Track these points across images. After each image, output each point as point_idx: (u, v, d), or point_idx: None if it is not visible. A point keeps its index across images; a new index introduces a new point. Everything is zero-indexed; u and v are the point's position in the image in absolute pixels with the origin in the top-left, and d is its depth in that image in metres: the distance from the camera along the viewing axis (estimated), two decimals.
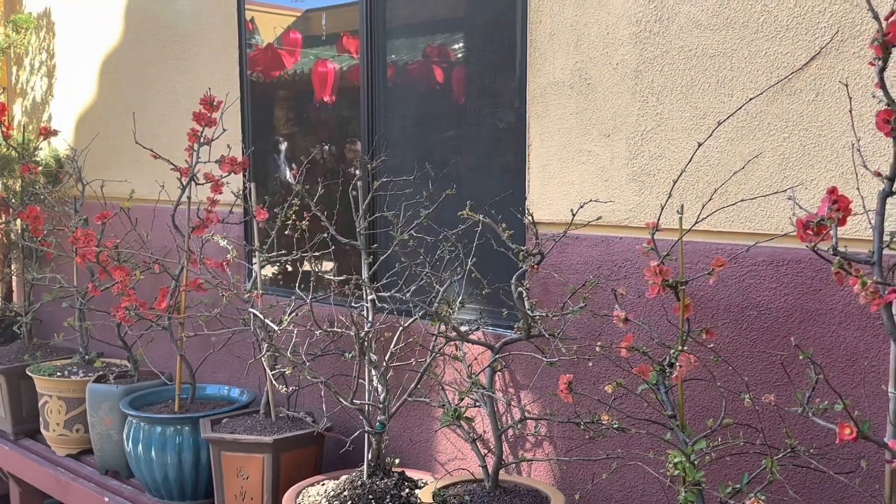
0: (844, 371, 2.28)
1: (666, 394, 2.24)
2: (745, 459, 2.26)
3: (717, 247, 2.47)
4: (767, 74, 2.42)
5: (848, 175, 2.28)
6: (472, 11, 3.26)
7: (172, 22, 4.33)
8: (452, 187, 2.98)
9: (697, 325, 2.35)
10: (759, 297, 2.46)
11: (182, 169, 3.61)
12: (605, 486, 2.68)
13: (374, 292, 3.06)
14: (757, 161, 2.42)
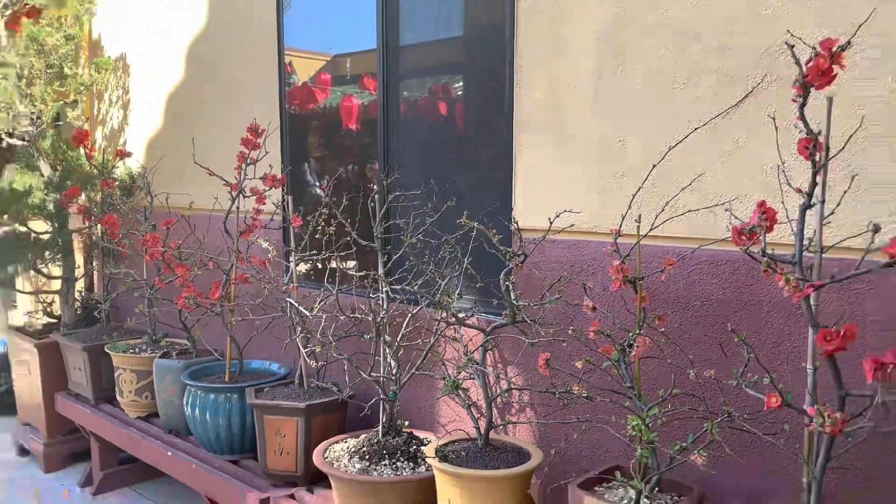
0: (771, 351, 2.28)
1: (625, 369, 2.24)
2: (689, 423, 2.25)
3: (667, 249, 2.47)
4: (710, 109, 2.42)
5: (774, 191, 2.27)
6: (469, 58, 3.26)
7: (224, 65, 4.34)
8: (452, 200, 2.99)
9: (651, 313, 2.35)
10: (702, 291, 2.46)
11: (232, 184, 3.62)
12: (576, 444, 2.67)
13: (388, 285, 3.06)
14: (700, 179, 2.42)
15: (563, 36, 2.77)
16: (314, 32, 3.93)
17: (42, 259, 4.71)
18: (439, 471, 2.49)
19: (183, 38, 4.58)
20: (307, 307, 3.29)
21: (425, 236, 2.97)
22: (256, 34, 4.10)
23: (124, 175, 4.84)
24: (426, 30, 3.38)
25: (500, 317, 2.76)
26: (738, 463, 2.25)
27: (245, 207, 3.63)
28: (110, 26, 5.22)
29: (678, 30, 2.48)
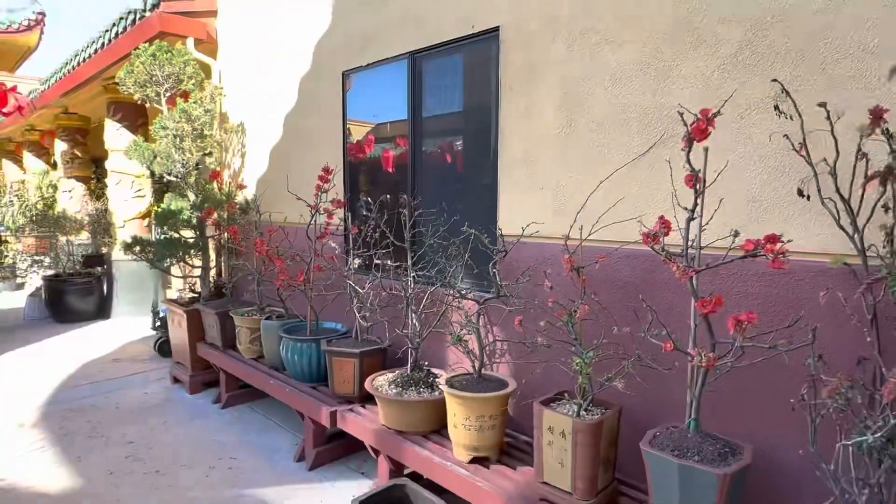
0: (664, 316, 2.26)
1: (572, 327, 2.22)
2: (613, 362, 2.24)
3: (599, 248, 2.46)
4: (626, 155, 2.41)
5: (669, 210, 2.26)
6: (468, 124, 3.25)
7: (308, 128, 4.35)
8: (457, 216, 2.99)
9: (589, 290, 2.34)
10: (621, 276, 2.45)
11: (312, 205, 3.62)
12: (538, 377, 2.66)
13: (414, 272, 3.06)
14: (621, 202, 2.41)
15: (532, 110, 2.77)
16: (363, 108, 3.93)
17: (188, 255, 4.72)
18: (448, 394, 2.49)
19: (281, 111, 4.59)
20: (361, 287, 3.29)
21: (439, 239, 2.97)
22: (328, 108, 4.11)
23: (242, 200, 4.86)
24: (440, 106, 3.38)
25: (489, 293, 2.75)
26: (643, 388, 2.24)
27: (319, 221, 3.63)
28: (234, 104, 5.24)
29: (611, 103, 2.47)
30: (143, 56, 4.36)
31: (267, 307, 4.30)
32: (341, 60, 3.92)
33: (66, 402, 4.41)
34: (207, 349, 4.46)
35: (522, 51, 2.78)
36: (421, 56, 3.36)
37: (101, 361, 5.51)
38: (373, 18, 3.64)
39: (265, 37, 4.75)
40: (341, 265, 3.56)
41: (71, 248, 7.71)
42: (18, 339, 6.34)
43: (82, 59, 6.56)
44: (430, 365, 3.10)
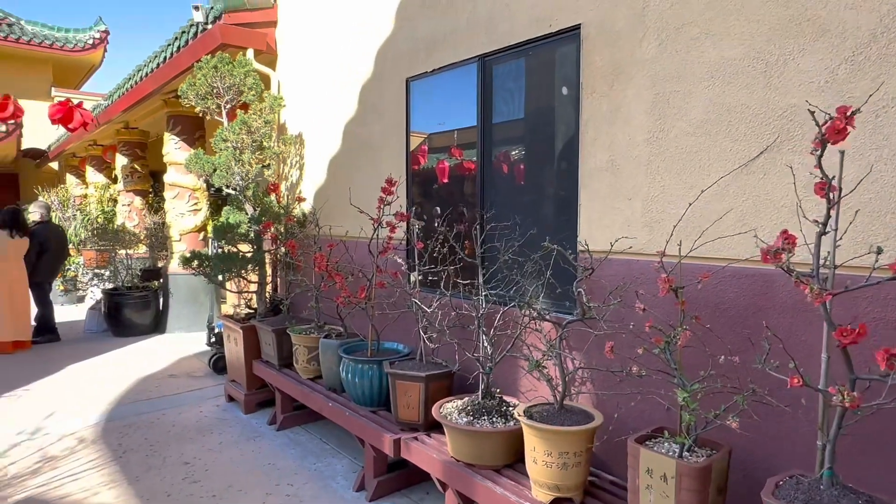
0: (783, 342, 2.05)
1: (670, 355, 2.06)
2: (721, 397, 2.05)
3: (701, 266, 2.28)
4: (731, 161, 2.23)
5: (785, 222, 2.07)
6: (542, 131, 3.14)
7: (369, 138, 4.35)
8: (534, 229, 2.86)
9: (689, 313, 2.16)
10: (727, 297, 2.25)
11: (374, 219, 3.58)
12: (629, 410, 2.49)
13: (486, 291, 2.94)
14: (728, 214, 2.23)
15: (618, 114, 2.63)
16: (428, 116, 3.88)
17: (245, 269, 4.80)
18: (527, 426, 2.35)
19: (341, 120, 4.62)
20: (426, 305, 3.21)
21: (513, 255, 2.85)
22: (390, 116, 4.10)
23: (300, 213, 4.91)
24: (512, 113, 3.29)
25: (572, 315, 2.61)
26: (757, 426, 2.04)
27: (381, 235, 3.59)
28: (293, 114, 5.34)
29: (712, 104, 2.30)
30: (206, 68, 4.51)
31: (325, 325, 4.29)
32: (404, 66, 3.91)
33: (125, 418, 4.53)
34: (263, 367, 4.49)
35: (607, 50, 2.65)
36: (491, 60, 3.28)
37: (157, 377, 5.67)
38: (439, 22, 3.60)
39: (324, 45, 4.82)
40: (405, 282, 3.49)
41: (129, 261, 8.05)
42: (79, 352, 6.64)
43: (145, 74, 6.89)
44: (502, 392, 2.97)
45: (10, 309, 6.52)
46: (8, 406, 4.83)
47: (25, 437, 4.18)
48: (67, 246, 7.80)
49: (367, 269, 3.76)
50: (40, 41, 16.57)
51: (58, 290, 9.73)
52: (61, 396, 5.06)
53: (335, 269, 3.85)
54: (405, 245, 3.86)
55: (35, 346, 6.86)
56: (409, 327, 3.61)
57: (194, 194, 7.51)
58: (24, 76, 16.59)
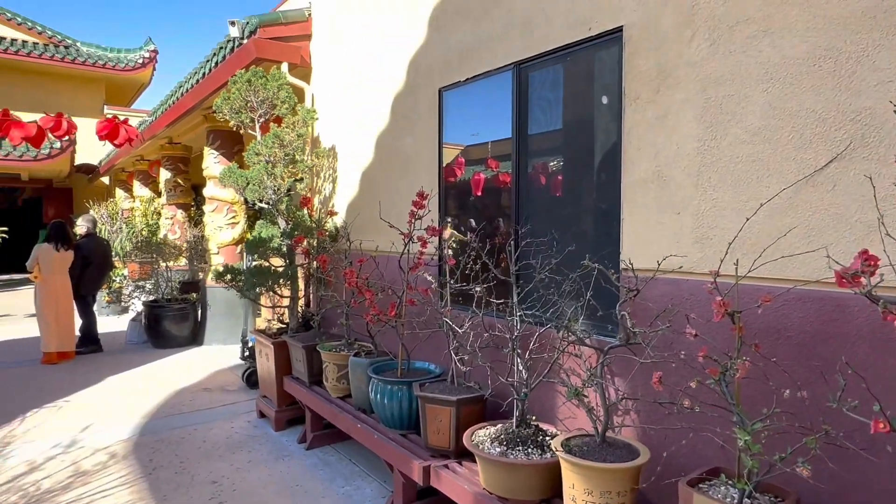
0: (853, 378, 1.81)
1: (726, 387, 1.84)
2: (788, 437, 1.82)
3: (761, 288, 2.05)
4: (796, 172, 2.00)
5: (861, 240, 1.83)
6: (581, 141, 2.96)
7: (401, 150, 4.24)
8: (572, 245, 2.67)
9: (748, 340, 1.94)
10: (792, 323, 2.01)
11: (405, 233, 3.46)
12: (678, 447, 2.26)
13: (521, 311, 2.76)
14: (793, 231, 2.00)
15: (665, 121, 2.43)
16: (461, 128, 3.75)
17: (278, 284, 4.75)
18: (565, 461, 2.15)
19: (373, 133, 4.54)
20: (458, 324, 3.05)
21: (550, 273, 2.67)
22: (423, 127, 3.98)
23: (332, 227, 4.84)
24: (549, 122, 3.11)
25: (615, 339, 2.40)
26: (833, 475, 1.79)
27: (412, 250, 3.47)
28: (326, 127, 5.30)
29: (772, 107, 2.08)
30: (240, 82, 4.50)
31: (356, 342, 4.18)
32: (437, 76, 3.79)
33: (157, 433, 4.52)
34: (293, 384, 4.41)
35: (652, 52, 2.46)
36: (527, 66, 3.13)
37: (192, 390, 5.68)
38: (473, 29, 3.47)
39: (357, 57, 4.76)
40: (436, 299, 3.34)
41: (169, 273, 8.18)
42: (119, 363, 6.74)
43: (185, 90, 7.02)
44: (538, 419, 2.77)
45: (56, 321, 6.68)
46: (49, 417, 4.90)
47: (61, 450, 4.20)
48: (111, 259, 7.98)
49: (397, 286, 3.63)
50: (94, 61, 17.31)
51: (103, 301, 9.99)
52: (98, 408, 5.10)
53: (365, 285, 3.74)
54: (437, 261, 3.72)
55: (78, 357, 7.00)
56: (440, 345, 3.45)
57: (232, 208, 7.58)
58: (78, 95, 17.37)
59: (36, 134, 7.81)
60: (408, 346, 3.51)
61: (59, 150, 13.91)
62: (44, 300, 6.63)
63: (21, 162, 13.73)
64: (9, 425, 4.69)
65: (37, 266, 6.60)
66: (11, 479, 3.71)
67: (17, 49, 16.29)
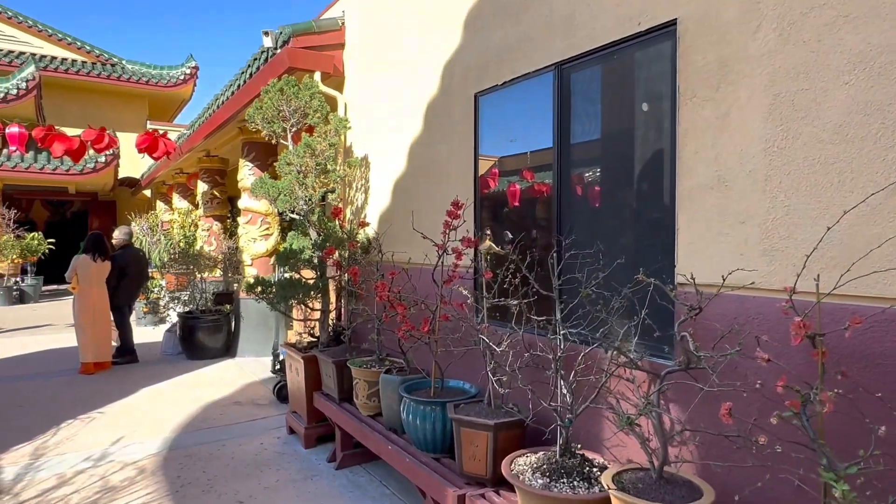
0: None
1: (807, 422, 1.58)
2: (886, 482, 1.55)
3: (848, 308, 1.79)
4: (886, 174, 1.75)
5: None
6: (628, 145, 2.74)
7: (435, 158, 4.09)
8: (622, 258, 2.45)
9: (833, 367, 1.68)
10: (886, 349, 1.75)
11: (438, 245, 3.28)
12: (747, 485, 2.00)
13: (565, 329, 2.53)
14: (889, 242, 1.74)
15: (726, 121, 2.20)
16: (497, 134, 3.57)
17: (308, 296, 4.63)
18: (620, 499, 1.92)
19: (405, 140, 4.41)
20: (495, 342, 2.85)
21: (597, 289, 2.44)
22: (458, 135, 3.82)
23: (363, 239, 4.71)
24: (593, 126, 2.91)
25: (672, 363, 2.16)
26: None
27: (447, 262, 3.29)
28: (358, 137, 5.20)
29: (855, 102, 1.83)
30: (272, 91, 4.44)
31: (387, 357, 4.02)
32: (473, 81, 3.63)
33: (187, 447, 4.43)
34: (323, 400, 4.27)
35: (711, 46, 2.24)
36: (569, 67, 2.93)
37: (222, 403, 5.60)
38: (511, 30, 3.30)
39: (390, 64, 4.65)
40: (472, 315, 3.15)
41: (203, 285, 8.21)
42: (153, 375, 6.75)
43: (221, 103, 7.06)
44: (583, 445, 2.54)
45: (93, 331, 6.74)
46: (81, 428, 4.88)
47: (91, 463, 4.15)
48: (147, 270, 8.06)
49: (430, 300, 3.46)
50: (138, 78, 17.88)
51: (141, 311, 10.13)
52: (130, 421, 5.07)
53: (397, 298, 3.57)
54: (472, 274, 3.53)
55: (114, 368, 7.05)
56: (475, 363, 3.25)
57: (266, 219, 7.57)
58: (123, 111, 17.95)
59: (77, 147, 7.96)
60: (442, 363, 3.33)
61: (103, 163, 14.34)
62: (81, 311, 6.70)
63: (68, 175, 14.20)
64: (43, 436, 4.68)
65: (75, 277, 6.69)
66: (41, 493, 3.66)
67: (67, 68, 16.95)
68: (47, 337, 9.15)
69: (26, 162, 13.83)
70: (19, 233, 13.93)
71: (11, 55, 16.37)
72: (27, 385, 6.26)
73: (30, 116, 13.69)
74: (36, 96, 13.78)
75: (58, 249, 15.15)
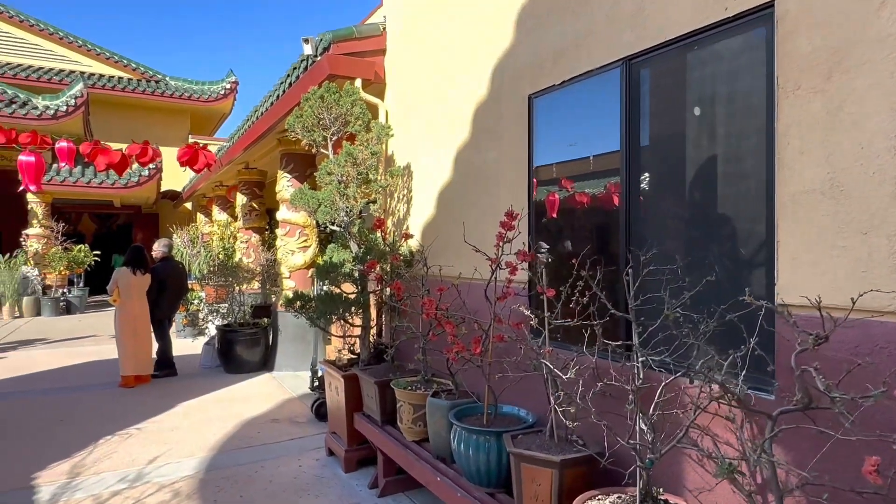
0: None
1: None
2: None
3: None
4: None
5: None
6: (711, 146, 2.43)
7: (483, 165, 3.83)
8: (712, 275, 2.13)
9: None
10: None
11: (491, 258, 3.02)
12: None
13: (645, 356, 2.22)
14: None
15: (839, 115, 1.88)
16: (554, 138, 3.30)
17: (349, 312, 4.42)
18: None
19: (451, 148, 4.17)
20: (559, 366, 2.56)
21: (681, 310, 2.13)
22: (510, 139, 3.56)
23: (407, 251, 4.47)
24: (668, 125, 2.61)
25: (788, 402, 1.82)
26: None
27: (500, 277, 3.02)
28: (401, 145, 4.99)
29: None
30: (312, 99, 4.28)
31: (433, 377, 3.76)
32: (526, 82, 3.37)
33: (223, 468, 4.26)
34: (364, 422, 4.03)
35: (818, 30, 1.93)
36: (639, 62, 2.65)
37: (260, 420, 5.44)
38: (569, 25, 3.04)
39: (434, 68, 4.43)
40: (529, 336, 2.86)
41: (242, 297, 8.13)
42: (192, 388, 6.65)
43: (260, 114, 6.99)
44: (665, 488, 2.22)
45: (133, 344, 6.69)
46: (119, 445, 4.76)
47: (126, 484, 4.00)
48: (186, 283, 8.02)
49: (481, 317, 3.19)
50: (180, 94, 18.27)
51: (181, 323, 10.15)
52: (167, 438, 4.93)
53: (445, 316, 3.32)
54: (528, 290, 3.25)
55: (153, 381, 6.98)
56: (531, 387, 2.97)
57: (304, 231, 7.45)
58: (166, 125, 18.37)
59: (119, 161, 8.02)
60: (494, 386, 3.05)
61: (146, 177, 14.61)
62: (122, 324, 6.66)
63: (112, 189, 14.52)
64: (81, 453, 4.58)
65: (116, 290, 6.66)
66: None
67: (114, 85, 17.44)
68: (90, 348, 9.23)
69: (74, 176, 14.21)
70: (67, 245, 14.28)
71: (62, 74, 16.95)
72: (69, 398, 6.23)
73: (78, 132, 14.07)
74: (84, 112, 14.17)
75: (103, 261, 15.49)
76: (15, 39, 17.00)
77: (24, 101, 13.48)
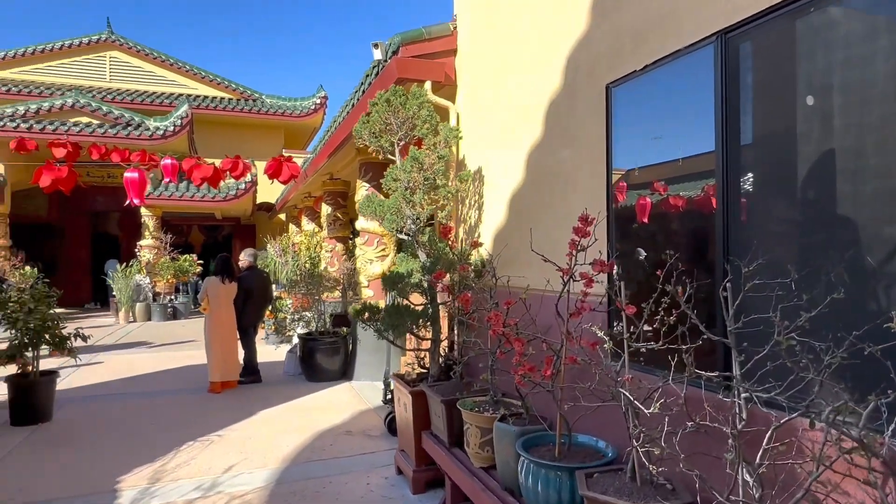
0: None
1: None
2: None
3: None
4: None
5: None
6: (836, 134, 1.96)
7: (556, 167, 3.49)
8: (840, 291, 1.67)
9: None
10: None
11: (563, 269, 2.68)
12: None
13: (749, 390, 1.80)
14: None
15: None
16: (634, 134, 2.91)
17: (417, 324, 4.21)
18: None
19: (522, 148, 3.86)
20: (641, 395, 2.17)
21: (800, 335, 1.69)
22: (585, 136, 3.20)
23: (476, 261, 4.20)
24: (776, 106, 2.16)
25: None
26: None
27: (574, 290, 2.67)
28: (471, 148, 4.75)
29: None
30: (379, 103, 4.14)
31: (502, 398, 3.45)
32: (603, 70, 3.00)
33: (293, 482, 4.19)
34: (432, 443, 3.79)
35: None
36: (738, 35, 2.22)
37: (334, 431, 5.37)
38: (651, 2, 2.65)
39: (505, 65, 4.15)
40: (607, 358, 2.49)
41: (323, 306, 8.22)
42: (273, 397, 6.76)
43: (338, 124, 7.03)
44: None
45: (221, 351, 6.92)
46: (198, 452, 4.86)
47: (201, 493, 4.03)
48: (271, 291, 8.23)
49: (553, 335, 2.85)
50: (275, 111, 19.22)
51: (269, 329, 10.50)
52: (244, 447, 4.97)
53: (514, 332, 3.00)
54: (606, 305, 2.87)
55: (239, 387, 7.19)
56: (611, 415, 2.59)
57: (382, 240, 7.40)
58: (261, 141, 19.37)
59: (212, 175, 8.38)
60: (568, 414, 2.70)
61: (242, 190, 15.44)
62: (211, 331, 6.91)
63: (213, 202, 15.47)
64: (163, 458, 4.70)
65: (206, 298, 6.93)
66: None
67: (216, 105, 18.66)
68: (187, 353, 9.74)
69: (180, 191, 15.29)
70: (174, 255, 15.38)
71: (172, 97, 18.40)
72: (161, 402, 6.53)
73: (183, 150, 15.14)
74: (189, 131, 15.23)
75: (207, 271, 16.54)
76: (133, 68, 18.72)
77: (138, 123, 14.72)
